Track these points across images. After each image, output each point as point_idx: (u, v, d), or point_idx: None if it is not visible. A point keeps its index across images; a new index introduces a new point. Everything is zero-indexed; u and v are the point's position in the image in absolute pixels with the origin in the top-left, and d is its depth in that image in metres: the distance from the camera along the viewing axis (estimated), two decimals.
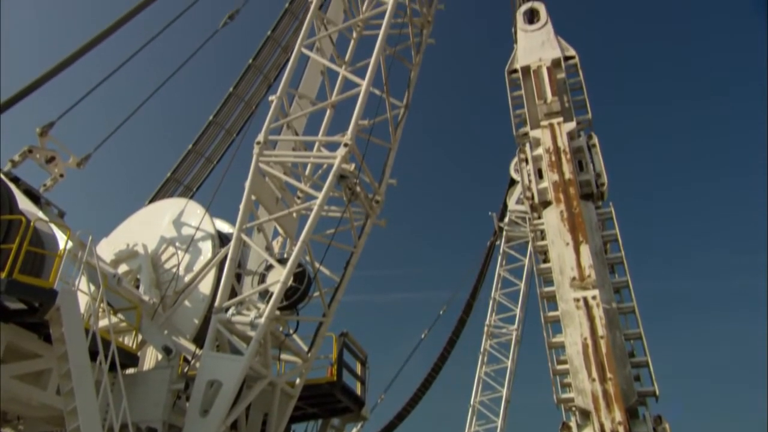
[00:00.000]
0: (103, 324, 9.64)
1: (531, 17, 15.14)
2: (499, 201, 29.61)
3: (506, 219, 28.78)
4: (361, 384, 13.31)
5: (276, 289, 9.96)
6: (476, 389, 26.87)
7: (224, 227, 14.09)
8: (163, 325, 11.26)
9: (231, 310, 10.09)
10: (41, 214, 10.57)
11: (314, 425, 13.66)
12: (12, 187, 10.67)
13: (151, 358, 11.76)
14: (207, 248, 12.68)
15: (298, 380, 11.10)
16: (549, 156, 12.93)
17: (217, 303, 10.18)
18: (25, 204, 10.74)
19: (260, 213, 12.15)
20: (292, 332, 11.26)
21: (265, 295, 10.46)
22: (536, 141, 13.43)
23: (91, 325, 8.79)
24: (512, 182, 28.30)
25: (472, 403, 26.63)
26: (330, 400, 12.49)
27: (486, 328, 27.67)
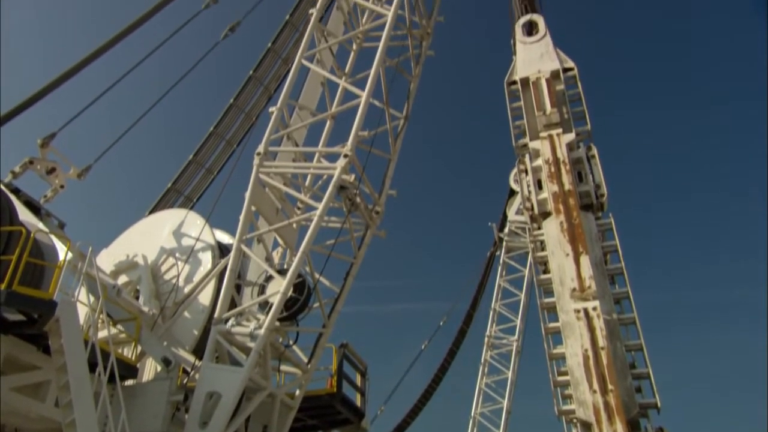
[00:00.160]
0: (103, 335, 9.62)
1: (530, 29, 15.26)
2: (499, 211, 29.70)
3: (506, 229, 28.80)
4: (361, 395, 13.23)
5: (276, 300, 9.95)
6: (477, 400, 26.74)
7: (224, 238, 14.07)
8: (163, 337, 11.22)
9: (231, 321, 10.08)
10: (41, 226, 10.59)
11: None
12: (12, 199, 10.70)
13: (150, 370, 11.72)
14: (207, 259, 12.66)
15: (298, 391, 11.07)
16: (548, 167, 12.98)
17: (217, 314, 10.17)
18: (26, 215, 10.76)
19: (260, 224, 12.16)
20: (292, 343, 11.24)
21: (265, 306, 10.46)
22: (536, 152, 13.48)
23: (91, 337, 8.77)
24: (512, 193, 28.35)
25: (473, 415, 26.49)
26: (330, 412, 12.42)
27: (486, 339, 27.61)
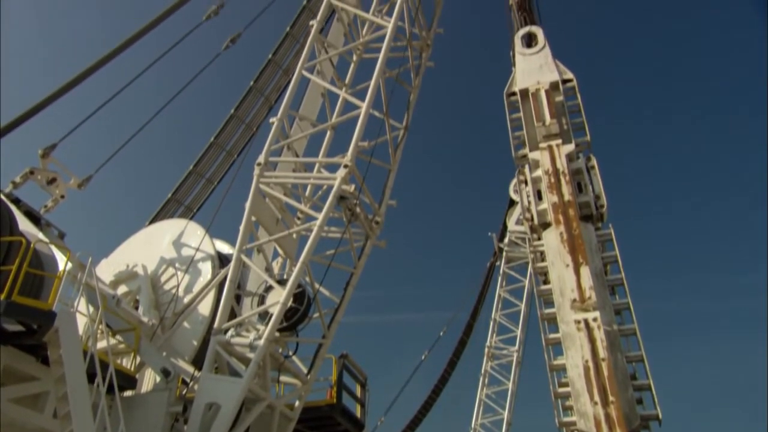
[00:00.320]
0: (102, 345, 9.59)
1: (529, 41, 15.35)
2: (499, 221, 29.71)
3: (506, 240, 28.79)
4: (361, 406, 13.16)
5: (275, 311, 9.93)
6: (477, 412, 26.60)
7: (224, 248, 14.06)
8: (162, 347, 11.18)
9: (230, 332, 10.05)
10: (41, 236, 10.59)
11: None
12: (13, 209, 10.71)
13: (149, 381, 11.65)
14: (207, 269, 12.64)
15: (298, 403, 11.01)
16: (548, 177, 13.00)
17: (217, 324, 10.14)
18: (26, 225, 10.76)
19: (260, 234, 12.16)
20: (292, 354, 11.19)
21: (265, 317, 10.42)
22: (535, 163, 13.50)
23: (90, 347, 8.74)
24: (512, 203, 28.38)
25: (474, 426, 26.35)
26: (329, 423, 12.33)
27: (486, 350, 27.51)
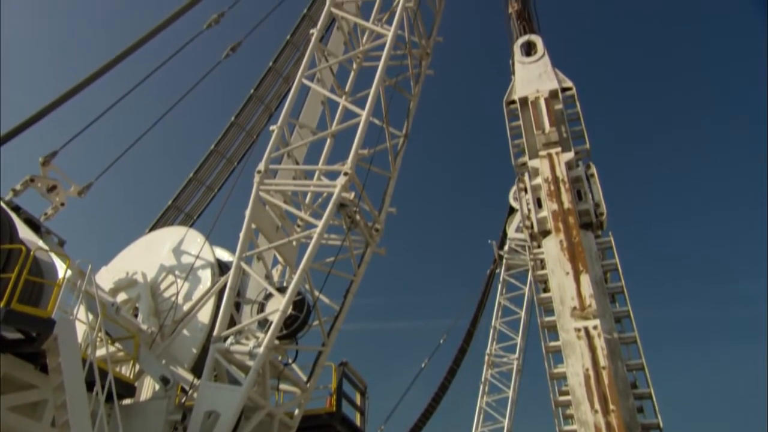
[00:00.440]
0: (101, 353, 9.56)
1: (528, 50, 15.42)
2: (499, 228, 29.68)
3: (506, 247, 28.75)
4: (361, 415, 13.11)
5: (275, 318, 9.91)
6: (477, 420, 26.44)
7: (224, 255, 14.06)
8: (161, 355, 11.15)
9: (230, 340, 10.02)
10: (41, 243, 10.59)
11: None
12: (13, 216, 10.71)
13: (148, 389, 11.62)
14: (206, 277, 12.64)
15: (297, 411, 10.96)
16: (548, 185, 13.01)
17: (216, 332, 10.12)
18: (26, 233, 10.76)
19: (260, 241, 12.15)
20: (291, 362, 11.16)
21: (265, 324, 10.41)
22: (535, 170, 13.52)
23: (89, 355, 8.72)
24: (511, 210, 28.36)
25: None
26: (329, 431, 12.31)
27: (487, 357, 27.38)
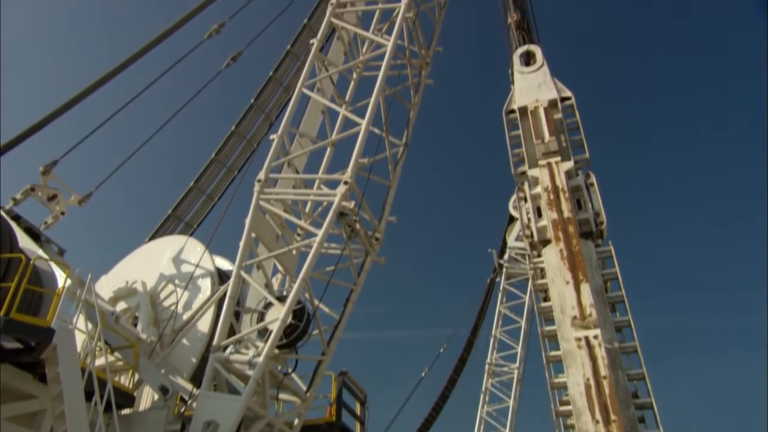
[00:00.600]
0: (100, 363, 9.54)
1: (527, 60, 15.50)
2: (499, 237, 29.65)
3: (506, 256, 28.71)
4: (361, 424, 13.07)
5: (275, 327, 9.89)
6: (478, 429, 26.27)
7: (224, 264, 14.06)
8: (161, 364, 11.12)
9: (229, 349, 10.00)
10: (41, 252, 10.59)
11: None
12: (13, 225, 10.72)
13: (147, 398, 11.56)
14: (206, 286, 12.63)
15: (297, 420, 10.91)
16: (547, 194, 13.02)
17: (216, 341, 10.09)
18: (26, 242, 10.77)
19: (260, 250, 12.15)
20: (291, 371, 11.12)
21: (264, 334, 10.38)
22: (534, 180, 13.53)
23: (88, 365, 8.70)
24: (511, 219, 28.35)
25: None
26: None
27: (487, 367, 27.25)
